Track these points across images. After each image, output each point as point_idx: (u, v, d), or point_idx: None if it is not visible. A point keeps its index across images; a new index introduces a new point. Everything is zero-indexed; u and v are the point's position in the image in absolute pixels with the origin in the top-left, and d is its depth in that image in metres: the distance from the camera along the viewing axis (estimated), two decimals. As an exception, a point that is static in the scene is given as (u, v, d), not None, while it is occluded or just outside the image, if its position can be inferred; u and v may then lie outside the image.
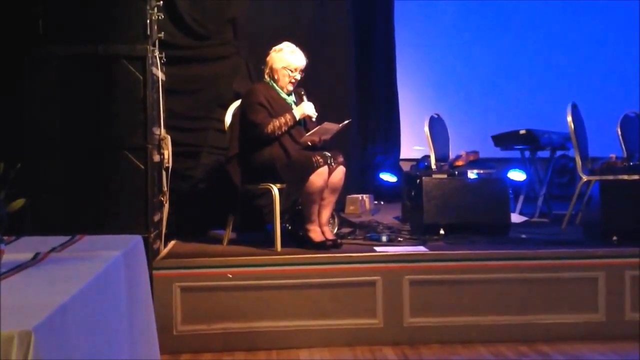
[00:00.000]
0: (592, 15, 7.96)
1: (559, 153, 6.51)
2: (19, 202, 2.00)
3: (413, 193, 4.93)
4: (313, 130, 4.13)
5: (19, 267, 1.99)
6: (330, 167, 4.07)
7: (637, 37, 7.85)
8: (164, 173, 4.19)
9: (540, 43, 7.90)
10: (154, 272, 3.75)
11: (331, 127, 4.18)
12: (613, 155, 5.37)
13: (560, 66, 7.86)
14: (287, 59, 4.26)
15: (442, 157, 5.84)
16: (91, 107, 3.77)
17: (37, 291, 1.72)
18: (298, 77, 4.28)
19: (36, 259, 2.11)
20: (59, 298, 1.58)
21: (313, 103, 4.28)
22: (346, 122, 4.27)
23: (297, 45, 4.35)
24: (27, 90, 3.75)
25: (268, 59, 4.32)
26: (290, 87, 4.31)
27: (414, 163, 7.11)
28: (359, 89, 7.10)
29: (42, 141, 3.74)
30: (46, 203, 3.70)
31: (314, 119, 4.24)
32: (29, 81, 3.75)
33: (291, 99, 4.34)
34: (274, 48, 4.33)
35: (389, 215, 5.98)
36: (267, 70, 4.34)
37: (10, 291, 1.67)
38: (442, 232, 4.56)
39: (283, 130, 4.11)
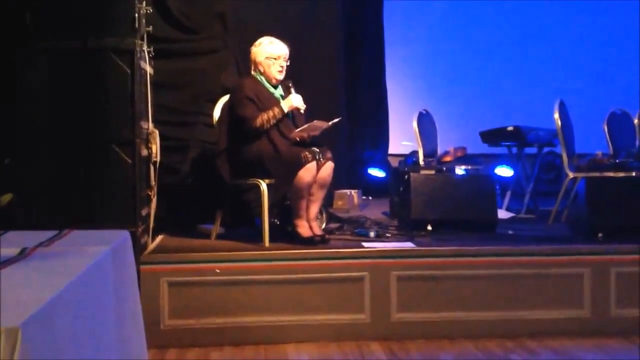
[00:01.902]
0: (579, 13, 8.00)
1: (546, 149, 6.54)
2: (7, 197, 1.99)
3: (401, 189, 4.94)
4: (302, 127, 4.13)
5: (6, 262, 1.98)
6: (319, 162, 4.08)
7: (624, 35, 7.90)
8: (152, 167, 4.18)
9: (527, 40, 7.94)
10: (142, 266, 3.74)
11: (321, 125, 4.18)
12: (599, 152, 5.40)
13: (548, 63, 7.89)
14: (268, 49, 4.27)
15: (430, 153, 5.85)
16: (79, 102, 3.75)
17: (24, 287, 1.71)
18: (283, 64, 4.28)
19: (23, 254, 2.11)
20: (46, 294, 1.58)
21: (302, 98, 4.28)
22: (336, 120, 4.27)
23: (286, 40, 4.36)
24: (15, 85, 3.72)
25: (251, 55, 4.34)
26: (279, 76, 4.29)
27: (403, 158, 7.12)
28: (348, 85, 7.10)
29: (31, 135, 3.72)
30: (35, 197, 3.68)
31: (302, 111, 4.24)
32: (17, 76, 3.72)
33: (279, 92, 4.34)
34: (253, 44, 4.34)
35: (377, 211, 5.99)
36: (252, 67, 4.35)
37: (-3, 287, 1.67)
38: (429, 228, 4.57)
39: (271, 123, 4.11)
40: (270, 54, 4.26)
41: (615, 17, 7.97)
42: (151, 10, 4.07)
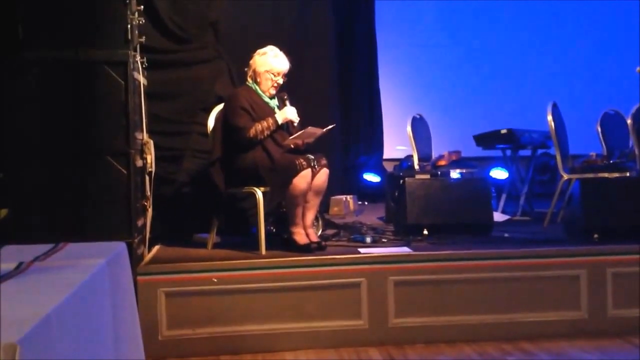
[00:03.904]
0: (571, 15, 8.05)
1: (540, 151, 6.58)
2: (3, 212, 1.99)
3: (396, 194, 4.95)
4: (297, 134, 4.14)
5: (2, 278, 1.98)
6: (314, 169, 4.08)
7: (615, 36, 7.94)
8: (147, 178, 4.18)
9: (520, 43, 7.98)
10: (138, 277, 3.74)
11: (315, 132, 4.19)
12: (593, 154, 5.43)
13: (541, 66, 7.94)
14: (271, 62, 4.26)
15: (424, 157, 5.88)
16: (73, 113, 3.73)
17: (21, 302, 1.71)
18: (280, 81, 4.29)
19: (19, 269, 2.10)
20: (44, 309, 1.58)
21: (295, 105, 4.29)
22: (330, 126, 4.28)
23: (278, 47, 4.35)
24: (7, 97, 3.71)
25: (251, 61, 4.32)
26: (273, 91, 4.31)
27: (397, 163, 7.15)
28: (341, 90, 7.13)
29: (23, 148, 3.71)
30: (29, 210, 3.67)
31: (296, 124, 4.25)
32: (9, 87, 3.71)
33: (274, 102, 4.35)
34: (257, 51, 4.33)
35: (373, 216, 6.00)
36: (250, 73, 4.34)
37: (-6, 302, 1.67)
38: (425, 232, 4.58)
39: (265, 134, 4.12)
40: (272, 68, 4.25)
41: (607, 18, 8.03)
42: (143, 21, 4.07)
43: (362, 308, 3.89)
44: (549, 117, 5.23)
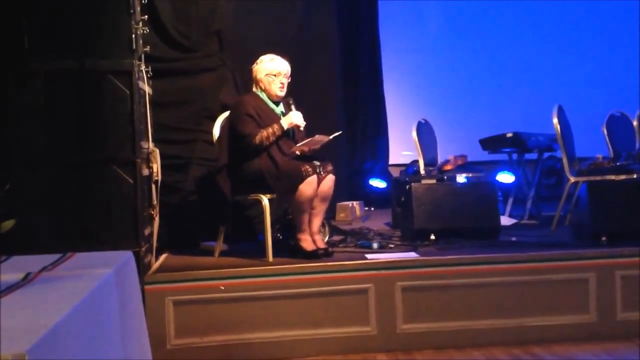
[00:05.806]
0: (577, 18, 8.04)
1: (546, 155, 6.56)
2: (10, 223, 1.99)
3: (403, 199, 4.94)
4: (304, 142, 4.14)
5: (11, 288, 1.98)
6: (320, 176, 4.08)
7: (620, 38, 7.93)
8: (153, 186, 4.18)
9: (525, 46, 7.97)
10: (146, 286, 3.74)
11: (322, 139, 4.19)
12: (600, 156, 5.40)
13: (546, 69, 7.92)
14: (267, 66, 4.29)
15: (430, 162, 5.86)
16: (78, 123, 3.75)
17: (30, 312, 1.71)
18: (284, 80, 4.29)
19: (27, 279, 2.11)
20: (52, 319, 1.58)
21: (301, 110, 4.30)
22: (337, 133, 4.28)
23: (283, 54, 4.37)
24: (13, 106, 3.73)
25: (252, 73, 4.35)
26: (280, 92, 4.30)
27: (403, 168, 7.14)
28: (346, 96, 7.13)
29: (30, 157, 3.72)
30: (35, 219, 3.68)
31: (302, 128, 4.26)
32: (15, 97, 3.73)
33: (279, 109, 4.35)
34: (255, 62, 4.35)
35: (380, 221, 5.99)
36: (254, 84, 4.36)
37: (2, 313, 1.67)
38: (432, 237, 4.57)
39: (271, 140, 4.12)
40: (270, 70, 4.27)
41: (612, 20, 8.01)
42: (148, 31, 4.08)
43: (370, 314, 3.88)
44: (555, 120, 5.22)
